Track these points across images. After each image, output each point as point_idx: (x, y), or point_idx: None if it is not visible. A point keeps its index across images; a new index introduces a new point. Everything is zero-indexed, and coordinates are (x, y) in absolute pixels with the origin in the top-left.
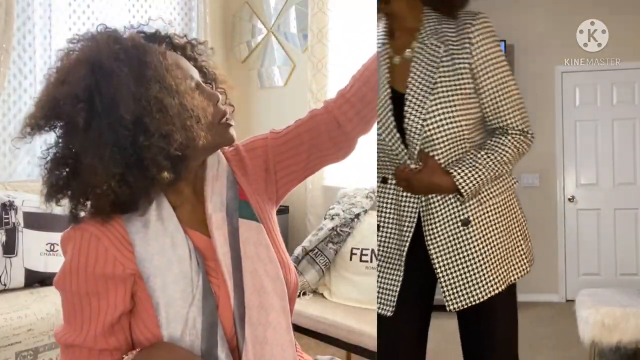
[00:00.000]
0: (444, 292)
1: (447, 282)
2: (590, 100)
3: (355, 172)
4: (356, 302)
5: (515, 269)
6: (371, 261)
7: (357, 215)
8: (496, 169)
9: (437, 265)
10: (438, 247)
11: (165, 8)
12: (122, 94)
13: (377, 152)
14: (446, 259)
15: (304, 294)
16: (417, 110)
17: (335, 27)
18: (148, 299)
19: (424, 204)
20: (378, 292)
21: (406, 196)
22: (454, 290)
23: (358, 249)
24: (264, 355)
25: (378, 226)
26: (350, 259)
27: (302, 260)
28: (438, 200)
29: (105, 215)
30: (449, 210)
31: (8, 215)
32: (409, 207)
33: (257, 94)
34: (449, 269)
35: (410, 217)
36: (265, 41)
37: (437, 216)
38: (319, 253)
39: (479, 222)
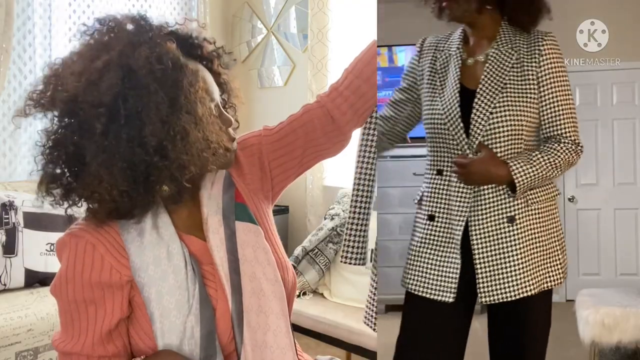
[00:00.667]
0: (479, 283)
1: (484, 275)
2: (590, 100)
3: None
4: (356, 302)
5: (550, 276)
6: (371, 261)
7: None
8: (548, 169)
9: (477, 257)
10: (481, 240)
11: (166, 8)
12: (151, 116)
13: (434, 145)
14: (487, 252)
15: (304, 294)
16: (485, 104)
17: (335, 27)
18: (145, 304)
19: (473, 197)
20: (428, 279)
21: (458, 188)
22: (489, 284)
23: None
24: (264, 359)
25: (432, 216)
26: None
27: (302, 260)
28: (487, 195)
29: (100, 220)
30: (496, 206)
31: (8, 215)
32: (459, 199)
33: (257, 94)
34: (488, 262)
35: (461, 209)
36: (265, 41)
37: (485, 210)
38: (319, 253)
39: (523, 222)
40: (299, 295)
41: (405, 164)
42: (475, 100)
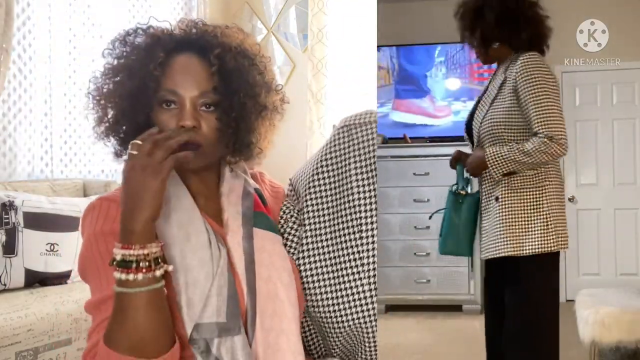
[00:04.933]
0: (481, 245)
1: (482, 238)
2: (590, 100)
3: None
4: None
5: (530, 242)
6: None
7: None
8: (517, 153)
9: (480, 226)
10: (482, 213)
11: (166, 8)
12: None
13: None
14: (485, 222)
15: None
16: (479, 116)
17: (335, 27)
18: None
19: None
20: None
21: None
22: (485, 245)
23: None
24: None
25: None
26: None
27: None
28: (484, 183)
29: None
30: (489, 190)
31: (8, 215)
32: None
33: None
34: (485, 230)
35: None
36: (265, 41)
37: (484, 193)
38: None
39: (506, 201)
40: None
41: (405, 164)
42: (476, 112)
